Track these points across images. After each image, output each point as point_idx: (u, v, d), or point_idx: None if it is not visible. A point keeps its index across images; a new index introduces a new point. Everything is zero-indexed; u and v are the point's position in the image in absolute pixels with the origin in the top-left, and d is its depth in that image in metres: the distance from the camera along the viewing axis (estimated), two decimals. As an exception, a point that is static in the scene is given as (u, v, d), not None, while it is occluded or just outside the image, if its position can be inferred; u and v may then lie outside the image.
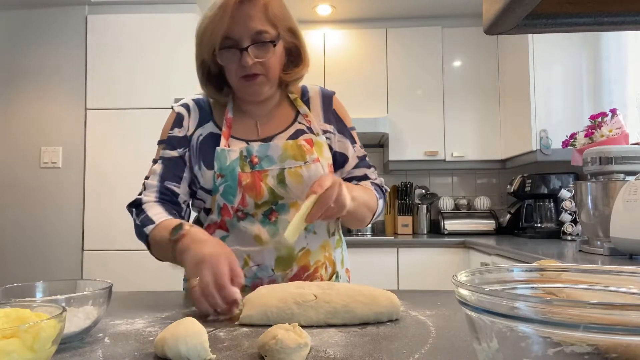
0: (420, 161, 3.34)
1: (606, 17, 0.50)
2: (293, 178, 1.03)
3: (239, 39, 0.99)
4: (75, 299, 0.65)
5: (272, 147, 1.05)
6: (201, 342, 0.55)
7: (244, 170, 1.03)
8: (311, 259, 1.06)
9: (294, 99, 1.16)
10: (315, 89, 1.20)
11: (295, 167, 1.04)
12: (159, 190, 1.05)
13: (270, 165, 1.04)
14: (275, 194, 1.03)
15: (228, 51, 1.01)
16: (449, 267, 2.90)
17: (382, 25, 3.39)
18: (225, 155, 1.03)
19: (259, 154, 1.04)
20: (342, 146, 1.15)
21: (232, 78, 1.05)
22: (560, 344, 0.35)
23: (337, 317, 0.71)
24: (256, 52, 1.00)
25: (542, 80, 2.77)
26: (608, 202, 1.68)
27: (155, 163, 1.09)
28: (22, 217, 3.03)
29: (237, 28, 0.98)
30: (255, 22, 0.99)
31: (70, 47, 3.10)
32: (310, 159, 1.05)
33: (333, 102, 1.18)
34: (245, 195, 1.02)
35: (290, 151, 1.05)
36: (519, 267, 0.53)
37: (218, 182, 1.02)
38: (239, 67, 1.01)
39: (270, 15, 1.01)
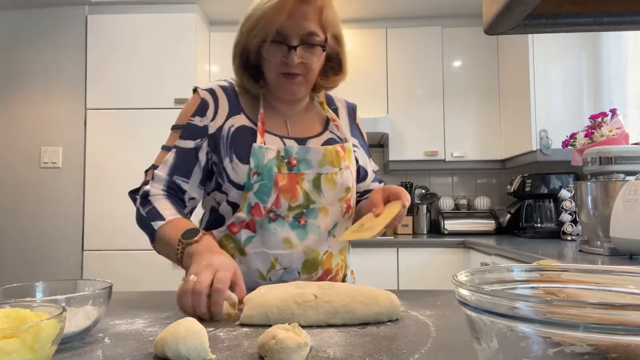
0: (420, 161, 3.34)
1: (606, 17, 0.50)
2: (328, 184, 1.04)
3: (289, 35, 0.98)
4: (75, 299, 0.65)
5: (312, 150, 1.04)
6: (201, 342, 0.55)
7: (280, 170, 1.01)
8: (333, 262, 1.07)
9: (319, 103, 1.17)
10: (341, 99, 1.23)
11: (331, 173, 1.04)
12: (167, 185, 1.02)
13: (307, 169, 1.03)
14: (309, 198, 1.02)
15: (275, 45, 0.99)
16: (449, 267, 2.90)
17: (382, 25, 3.39)
18: (263, 153, 1.00)
19: (298, 156, 1.03)
20: (364, 160, 1.18)
21: (272, 72, 1.03)
22: (560, 344, 0.35)
23: (337, 317, 0.71)
24: (303, 52, 0.99)
25: (542, 80, 2.77)
26: (608, 202, 1.68)
27: (167, 151, 1.04)
28: (22, 217, 3.04)
29: (290, 25, 0.97)
30: (309, 23, 0.98)
31: (70, 47, 3.10)
32: (344, 165, 1.06)
33: (356, 116, 1.23)
34: (280, 196, 1.01)
35: (329, 157, 1.04)
36: (519, 267, 0.53)
37: (253, 179, 1.00)
38: (282, 64, 1.00)
39: (323, 19, 1.00)
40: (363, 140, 1.22)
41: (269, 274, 1.02)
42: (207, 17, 3.37)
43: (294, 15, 0.96)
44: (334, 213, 1.06)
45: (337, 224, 1.07)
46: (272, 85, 1.06)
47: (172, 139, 1.06)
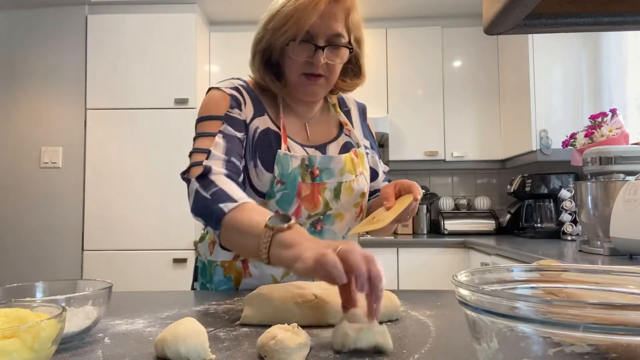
0: (420, 161, 3.34)
1: (606, 17, 0.50)
2: (346, 191, 1.03)
3: (317, 35, 0.96)
4: (75, 299, 0.65)
5: (335, 160, 1.03)
6: (201, 342, 0.55)
7: (304, 180, 0.99)
8: None
9: (332, 105, 1.16)
10: (351, 100, 1.22)
11: (349, 181, 1.04)
12: (226, 162, 0.92)
13: (329, 178, 1.02)
14: (328, 206, 1.02)
15: (303, 45, 0.96)
16: (449, 267, 2.90)
17: (382, 25, 3.39)
18: (288, 161, 0.98)
19: (320, 166, 1.01)
20: (374, 161, 1.18)
21: (293, 72, 1.00)
22: (560, 344, 0.35)
23: (337, 317, 0.71)
24: (329, 53, 0.98)
25: (542, 80, 2.77)
26: (608, 202, 1.68)
27: (211, 136, 0.94)
28: (22, 217, 3.04)
29: (320, 24, 0.95)
30: (337, 24, 0.97)
31: (70, 47, 3.10)
32: (359, 172, 1.06)
33: (367, 117, 1.22)
34: (301, 206, 1.00)
35: (348, 165, 1.04)
36: (519, 267, 0.53)
37: (277, 188, 0.97)
38: (306, 64, 0.98)
39: (349, 20, 0.99)
40: (373, 141, 1.21)
41: (283, 279, 1.02)
42: (207, 17, 3.37)
43: (325, 14, 0.94)
44: (349, 218, 1.06)
45: (350, 228, 1.07)
46: (293, 85, 1.02)
47: (213, 126, 0.96)
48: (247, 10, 3.20)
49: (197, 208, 0.87)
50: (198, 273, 1.13)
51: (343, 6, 0.97)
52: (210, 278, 1.07)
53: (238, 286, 1.05)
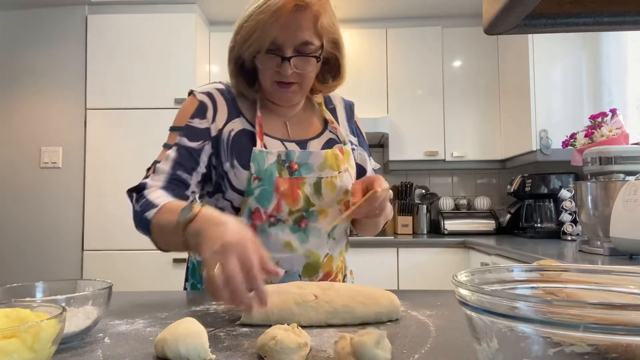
0: (420, 161, 3.34)
1: (606, 17, 0.50)
2: (328, 187, 1.03)
3: (283, 46, 0.96)
4: (75, 299, 0.65)
5: (314, 155, 1.03)
6: (201, 343, 0.55)
7: (282, 175, 1.00)
8: (333, 264, 1.07)
9: (318, 103, 1.16)
10: (338, 97, 1.21)
11: (331, 177, 1.03)
12: (169, 176, 0.97)
13: (308, 173, 1.02)
14: (309, 201, 1.02)
15: (269, 56, 0.97)
16: (449, 267, 2.90)
17: (382, 25, 3.39)
18: (263, 157, 0.99)
19: (299, 161, 1.02)
20: (362, 158, 1.17)
21: (266, 81, 1.02)
22: (560, 344, 0.35)
23: (337, 317, 0.71)
24: (297, 62, 0.98)
25: (542, 80, 2.77)
26: (608, 202, 1.68)
27: (168, 148, 1.01)
28: (22, 217, 3.04)
29: (284, 35, 0.95)
30: (304, 33, 0.96)
31: (70, 47, 3.10)
32: (343, 168, 1.06)
33: (354, 114, 1.22)
34: (281, 201, 1.00)
35: (329, 160, 1.04)
36: (519, 267, 0.53)
37: (254, 184, 0.99)
38: (276, 73, 0.99)
39: (319, 26, 0.97)
40: (362, 138, 1.21)
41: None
42: (207, 17, 3.37)
43: (288, 25, 0.94)
44: (333, 215, 1.05)
45: (336, 226, 1.06)
46: (267, 92, 1.05)
47: (172, 138, 1.03)
48: (247, 10, 3.20)
49: (134, 223, 0.93)
50: (189, 273, 1.14)
51: (309, 14, 0.95)
52: (200, 278, 1.08)
53: None
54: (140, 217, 0.89)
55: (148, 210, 0.88)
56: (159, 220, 0.85)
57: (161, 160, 0.99)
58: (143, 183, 0.95)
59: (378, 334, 0.52)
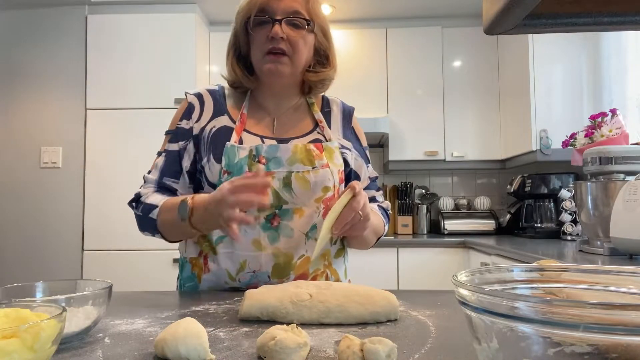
0: (420, 161, 3.34)
1: (606, 17, 0.50)
2: (299, 183, 1.00)
3: (274, 12, 1.01)
4: (75, 299, 0.65)
5: (281, 148, 1.02)
6: (201, 343, 0.55)
7: (251, 169, 0.99)
8: (310, 267, 1.03)
9: (311, 104, 1.15)
10: (337, 101, 1.21)
11: (302, 172, 1.01)
12: (156, 185, 1.06)
13: (277, 168, 1.01)
14: (280, 197, 1.00)
15: (261, 25, 1.02)
16: (449, 267, 2.90)
17: (382, 25, 3.39)
18: (235, 152, 1.01)
19: (267, 155, 1.01)
20: (357, 165, 1.15)
21: (257, 53, 1.04)
22: (560, 344, 0.35)
23: (330, 317, 0.71)
24: (288, 29, 1.01)
25: (542, 80, 2.77)
26: (608, 202, 1.68)
27: (159, 156, 1.09)
28: (22, 217, 3.04)
29: (277, 3, 1.01)
30: (296, 3, 1.02)
31: (70, 47, 3.10)
32: (319, 164, 1.03)
33: (353, 119, 1.20)
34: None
35: (299, 154, 1.02)
36: (519, 267, 0.53)
37: (224, 178, 0.99)
38: (267, 40, 1.01)
39: (310, 6, 1.04)
40: (359, 145, 1.18)
41: (238, 275, 1.00)
42: (207, 17, 3.37)
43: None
44: (310, 215, 1.02)
45: (315, 226, 1.03)
46: (258, 67, 1.06)
47: (164, 144, 1.10)
48: (247, 10, 3.20)
49: (139, 227, 1.05)
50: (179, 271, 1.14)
51: None
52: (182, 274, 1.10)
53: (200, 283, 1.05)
54: (145, 218, 1.00)
55: (151, 212, 0.99)
56: (163, 219, 0.98)
57: (152, 169, 1.08)
58: (137, 193, 1.05)
59: (391, 345, 0.52)
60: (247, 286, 0.99)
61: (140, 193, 1.05)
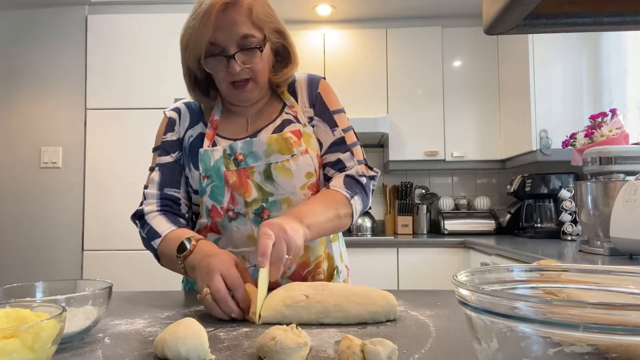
0: (420, 161, 3.34)
1: (606, 17, 0.50)
2: (281, 173, 1.00)
3: (224, 45, 0.96)
4: (75, 299, 0.65)
5: (255, 142, 1.02)
6: (201, 343, 0.55)
7: (229, 168, 1.00)
8: (312, 254, 1.04)
9: (281, 93, 1.12)
10: (302, 75, 1.14)
11: (282, 162, 1.01)
12: (159, 198, 1.04)
13: (255, 162, 1.01)
14: (264, 190, 1.00)
15: (215, 58, 0.98)
16: (449, 267, 2.90)
17: (382, 25, 3.39)
18: (209, 156, 1.02)
19: (243, 151, 1.01)
20: (319, 131, 1.09)
21: (222, 84, 1.02)
22: (560, 344, 0.35)
23: (329, 317, 0.71)
24: (243, 58, 0.98)
25: (542, 80, 2.77)
26: (608, 202, 1.68)
27: (152, 171, 1.08)
28: (22, 217, 3.04)
29: (222, 34, 0.95)
30: (241, 27, 0.95)
31: (70, 47, 3.10)
32: (298, 151, 1.02)
33: (319, 85, 1.12)
34: (233, 194, 1.00)
35: (275, 145, 1.01)
36: (519, 267, 0.53)
37: (204, 183, 1.01)
38: (227, 74, 0.99)
39: (255, 18, 0.97)
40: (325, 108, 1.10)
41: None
42: (207, 17, 3.37)
43: (222, 24, 0.94)
44: (298, 203, 1.01)
45: None
46: (225, 95, 1.06)
47: (153, 160, 1.10)
48: (247, 10, 3.20)
49: (143, 244, 1.02)
50: None
51: (240, 9, 0.95)
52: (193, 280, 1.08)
53: None
54: (148, 244, 1.00)
55: (153, 240, 0.98)
56: (163, 250, 0.97)
57: (148, 184, 1.07)
58: (140, 209, 1.04)
59: (391, 346, 0.52)
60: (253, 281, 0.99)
61: (144, 211, 1.03)
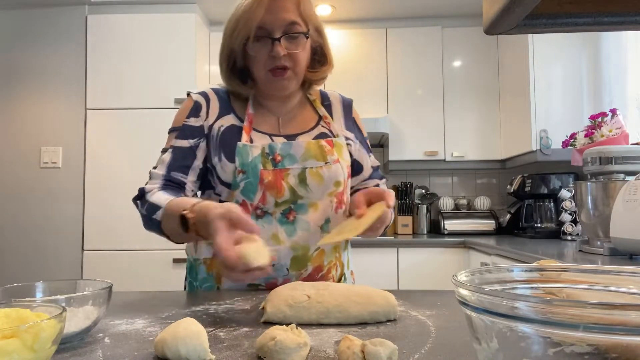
0: (420, 161, 3.34)
1: (606, 17, 0.50)
2: (314, 178, 1.03)
3: (271, 29, 1.00)
4: (75, 299, 0.65)
5: (294, 145, 1.04)
6: (201, 343, 0.55)
7: (266, 167, 1.01)
8: (325, 259, 1.06)
9: (312, 101, 1.17)
10: (335, 95, 1.22)
11: (316, 167, 1.04)
12: (164, 179, 1.03)
13: (292, 164, 1.03)
14: (295, 193, 1.02)
15: (259, 41, 1.01)
16: (449, 267, 2.90)
17: (382, 25, 3.39)
18: (247, 151, 1.02)
19: (281, 152, 1.03)
20: (360, 155, 1.18)
21: (260, 71, 1.04)
22: (560, 344, 0.35)
23: (330, 317, 0.71)
24: (287, 44, 1.01)
25: (542, 80, 2.77)
26: (608, 202, 1.68)
27: (164, 152, 1.06)
28: (22, 217, 3.04)
29: (270, 18, 0.99)
30: (289, 14, 1.00)
31: (70, 47, 3.10)
32: (331, 159, 1.06)
33: (353, 110, 1.22)
34: (266, 193, 1.01)
35: (312, 151, 1.04)
36: (519, 267, 0.53)
37: (239, 178, 1.01)
38: (269, 59, 1.01)
39: (302, 11, 1.02)
40: (361, 135, 1.21)
41: None
42: (207, 17, 3.37)
43: (272, 9, 0.99)
44: (324, 208, 1.05)
45: (329, 220, 1.06)
46: (262, 83, 1.07)
47: (169, 141, 1.08)
48: (247, 10, 3.20)
49: (144, 225, 1.00)
50: (187, 272, 1.15)
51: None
52: (195, 276, 1.09)
53: (219, 284, 1.06)
54: (149, 219, 0.96)
55: (155, 213, 0.94)
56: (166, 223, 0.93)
57: (157, 165, 1.05)
58: (142, 189, 1.02)
59: (392, 347, 0.52)
60: (266, 282, 1.02)
61: (145, 189, 1.01)
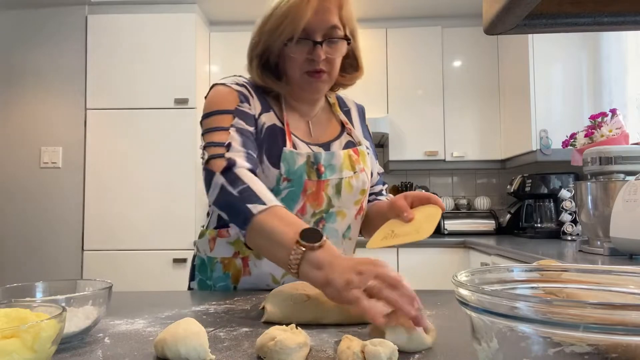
0: (420, 161, 3.34)
1: (606, 17, 0.50)
2: (347, 188, 1.04)
3: (314, 31, 0.96)
4: (75, 299, 0.65)
5: (336, 156, 1.03)
6: (201, 343, 0.55)
7: (310, 178, 0.99)
8: None
9: (332, 104, 1.16)
10: (350, 100, 1.23)
11: (348, 177, 1.04)
12: (247, 155, 0.91)
13: (332, 175, 1.02)
14: (330, 203, 1.02)
15: (300, 43, 0.97)
16: (449, 267, 2.90)
17: (382, 25, 3.39)
18: (294, 159, 0.98)
19: (325, 163, 1.01)
20: (372, 162, 1.19)
21: (295, 71, 1.00)
22: (560, 344, 0.35)
23: (329, 317, 0.71)
24: (327, 48, 0.98)
25: (542, 80, 2.77)
26: (608, 202, 1.68)
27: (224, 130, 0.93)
28: (22, 217, 3.04)
29: (315, 20, 0.95)
30: (332, 17, 0.97)
31: (70, 47, 3.10)
32: (359, 169, 1.06)
33: (365, 117, 1.23)
34: (306, 204, 1.00)
35: (347, 161, 1.05)
36: (519, 267, 0.53)
37: (283, 185, 0.97)
38: (307, 61, 0.98)
39: (343, 14, 1.00)
40: (371, 142, 1.23)
41: (283, 278, 1.01)
42: (207, 17, 3.37)
43: (318, 10, 0.95)
44: (349, 216, 1.06)
45: (350, 227, 1.07)
46: (296, 84, 1.02)
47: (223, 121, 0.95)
48: (247, 10, 3.20)
49: (221, 203, 0.86)
50: (196, 270, 1.11)
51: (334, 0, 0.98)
52: (210, 274, 1.06)
53: (236, 284, 1.04)
54: (241, 205, 0.81)
55: (252, 203, 0.81)
56: (266, 222, 0.79)
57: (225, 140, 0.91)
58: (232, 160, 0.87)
59: (392, 347, 0.52)
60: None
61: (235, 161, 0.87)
